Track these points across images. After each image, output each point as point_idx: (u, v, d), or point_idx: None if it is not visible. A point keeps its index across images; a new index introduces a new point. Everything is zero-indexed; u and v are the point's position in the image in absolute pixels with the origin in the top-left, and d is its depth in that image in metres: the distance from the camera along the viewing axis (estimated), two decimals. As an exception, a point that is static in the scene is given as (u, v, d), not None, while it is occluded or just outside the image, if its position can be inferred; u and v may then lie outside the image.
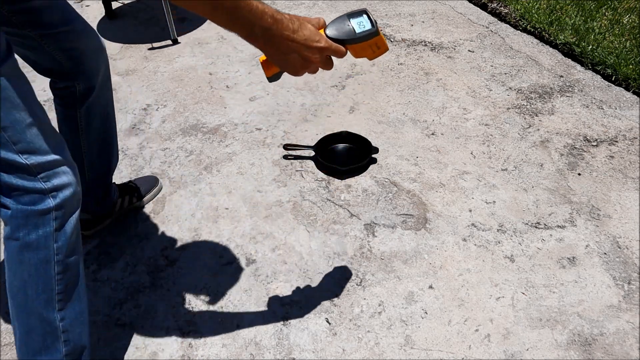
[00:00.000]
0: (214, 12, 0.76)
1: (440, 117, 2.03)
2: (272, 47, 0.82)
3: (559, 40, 2.38)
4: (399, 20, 2.66)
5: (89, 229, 1.57)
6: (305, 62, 0.86)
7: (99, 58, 1.35)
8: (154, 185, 1.72)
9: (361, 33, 0.86)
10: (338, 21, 0.86)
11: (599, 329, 1.32)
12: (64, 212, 1.00)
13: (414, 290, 1.42)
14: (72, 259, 1.05)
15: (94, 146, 1.43)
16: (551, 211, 1.63)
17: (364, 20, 0.86)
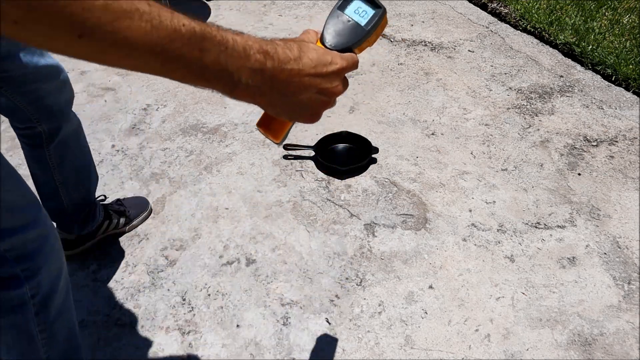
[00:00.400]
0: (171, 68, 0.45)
1: (440, 117, 2.03)
2: (273, 95, 0.53)
3: (559, 40, 2.38)
4: (399, 20, 2.66)
5: (71, 249, 1.50)
6: (325, 98, 0.58)
7: (61, 95, 1.25)
8: (144, 209, 1.63)
9: (370, 23, 0.62)
10: (332, 22, 0.63)
11: (599, 329, 1.31)
12: (41, 286, 0.92)
13: (414, 290, 1.42)
14: (59, 321, 0.98)
15: (70, 177, 1.35)
16: (551, 211, 1.63)
17: (360, 4, 0.65)
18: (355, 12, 0.63)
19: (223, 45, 0.47)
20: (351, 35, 0.62)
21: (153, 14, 0.41)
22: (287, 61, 0.52)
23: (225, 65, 0.47)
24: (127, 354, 1.29)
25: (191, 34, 0.44)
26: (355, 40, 0.62)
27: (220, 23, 2.29)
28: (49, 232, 0.93)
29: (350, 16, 0.62)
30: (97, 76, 2.32)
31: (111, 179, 1.79)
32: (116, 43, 0.40)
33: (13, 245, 0.87)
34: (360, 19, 0.62)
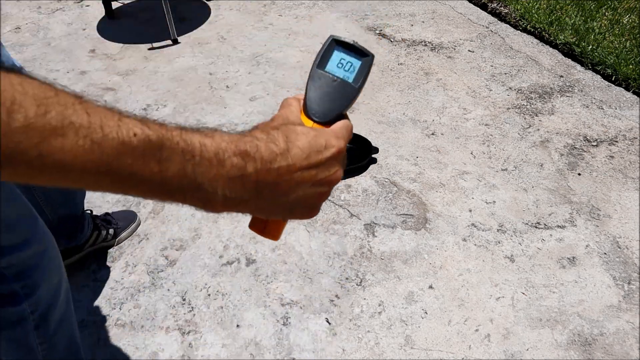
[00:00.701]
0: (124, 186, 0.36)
1: (440, 117, 2.03)
2: (260, 201, 0.43)
3: (559, 40, 2.38)
4: (399, 20, 2.66)
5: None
6: (323, 189, 0.47)
7: None
8: (132, 221, 1.60)
9: (360, 78, 0.51)
10: (315, 86, 0.51)
11: (599, 329, 1.31)
12: (41, 301, 0.91)
13: (414, 290, 1.42)
14: (60, 332, 0.97)
15: (53, 193, 1.32)
16: (551, 211, 1.63)
17: (342, 55, 0.52)
18: (340, 67, 0.51)
19: (188, 153, 0.37)
20: (341, 98, 0.50)
21: (93, 126, 0.33)
22: (273, 159, 0.42)
23: (194, 177, 0.37)
24: (127, 354, 1.29)
25: (145, 144, 0.35)
26: (347, 103, 0.50)
27: (220, 23, 2.28)
28: (47, 247, 0.91)
29: (334, 73, 0.51)
30: (97, 76, 2.32)
31: (111, 179, 1.79)
32: (46, 167, 0.32)
33: (11, 263, 0.85)
34: (347, 75, 0.51)
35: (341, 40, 0.51)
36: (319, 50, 0.52)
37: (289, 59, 2.39)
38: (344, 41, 0.51)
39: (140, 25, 2.74)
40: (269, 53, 2.43)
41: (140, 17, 2.81)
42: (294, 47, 2.47)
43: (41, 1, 2.94)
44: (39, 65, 2.40)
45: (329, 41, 0.52)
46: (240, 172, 0.40)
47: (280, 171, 0.42)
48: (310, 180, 0.45)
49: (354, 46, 0.51)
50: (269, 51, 2.45)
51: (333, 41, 0.52)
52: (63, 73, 2.34)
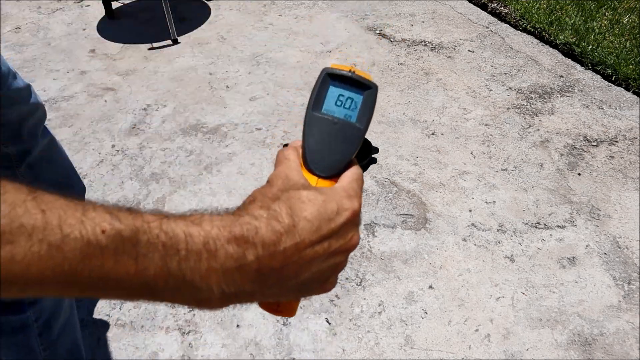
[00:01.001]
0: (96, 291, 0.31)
1: (440, 117, 2.03)
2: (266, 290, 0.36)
3: (559, 40, 2.38)
4: (399, 20, 2.66)
5: None
6: (339, 259, 0.42)
7: (31, 118, 1.17)
8: None
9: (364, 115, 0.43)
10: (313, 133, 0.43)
11: (599, 329, 1.32)
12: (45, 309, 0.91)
13: (414, 290, 1.42)
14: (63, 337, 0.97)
15: None
16: (551, 211, 1.63)
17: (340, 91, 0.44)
18: (339, 105, 0.43)
19: (171, 247, 0.31)
20: (345, 143, 0.43)
21: (50, 226, 0.27)
22: (278, 240, 0.34)
23: (181, 275, 0.31)
24: (126, 354, 1.29)
25: (117, 241, 0.29)
26: (354, 149, 0.43)
27: (220, 23, 2.28)
28: None
29: (334, 114, 0.43)
30: (97, 76, 2.32)
31: (111, 179, 1.79)
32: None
33: None
34: (349, 113, 0.43)
35: (336, 74, 0.43)
36: (312, 89, 0.43)
37: (289, 59, 2.39)
38: (340, 74, 0.43)
39: (140, 25, 2.74)
40: (269, 53, 2.44)
41: (140, 17, 2.81)
42: (294, 47, 2.47)
43: (41, 1, 2.94)
44: (39, 66, 2.40)
45: (323, 76, 0.44)
46: (238, 263, 0.33)
47: (287, 253, 0.34)
48: (323, 254, 0.38)
49: (352, 78, 0.43)
50: (269, 51, 2.45)
51: (327, 76, 0.44)
52: (63, 73, 2.34)
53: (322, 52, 2.42)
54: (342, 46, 2.46)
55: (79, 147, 1.93)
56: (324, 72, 0.44)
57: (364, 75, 0.44)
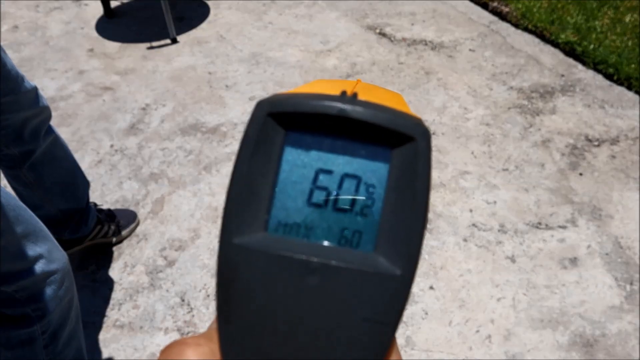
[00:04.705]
0: None
1: (440, 116, 2.02)
2: None
3: (561, 39, 2.37)
4: (400, 19, 2.65)
5: None
6: None
7: (35, 119, 1.17)
8: (132, 221, 1.58)
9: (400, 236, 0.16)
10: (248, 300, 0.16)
11: (600, 330, 1.31)
12: (52, 322, 0.90)
13: (414, 291, 1.41)
14: (68, 348, 0.97)
15: (54, 190, 1.29)
16: (552, 211, 1.62)
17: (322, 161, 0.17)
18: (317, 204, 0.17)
19: None
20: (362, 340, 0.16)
21: None
22: None
23: None
24: (125, 355, 1.28)
25: None
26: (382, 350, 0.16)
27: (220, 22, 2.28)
28: (60, 268, 0.90)
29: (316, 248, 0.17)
30: (95, 75, 2.31)
31: (110, 178, 1.78)
32: None
33: (22, 287, 0.84)
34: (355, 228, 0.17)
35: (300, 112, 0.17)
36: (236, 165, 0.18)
37: (289, 58, 2.38)
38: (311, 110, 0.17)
39: (139, 24, 2.72)
40: (269, 52, 2.42)
41: (139, 16, 2.80)
42: (294, 47, 2.46)
43: (39, 0, 2.93)
44: (37, 65, 2.39)
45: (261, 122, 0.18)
46: None
47: None
48: None
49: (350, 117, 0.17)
50: (269, 50, 2.44)
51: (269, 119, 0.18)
52: (61, 72, 2.33)
53: (322, 51, 2.41)
54: (342, 45, 2.45)
55: (77, 146, 1.92)
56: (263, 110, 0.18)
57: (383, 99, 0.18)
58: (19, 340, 0.88)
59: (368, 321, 0.15)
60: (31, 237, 0.86)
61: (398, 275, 0.15)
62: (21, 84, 1.09)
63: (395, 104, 0.17)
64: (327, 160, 0.17)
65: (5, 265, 0.81)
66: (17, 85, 1.08)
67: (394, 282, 0.15)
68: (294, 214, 0.17)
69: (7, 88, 1.05)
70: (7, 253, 0.81)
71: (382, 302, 0.15)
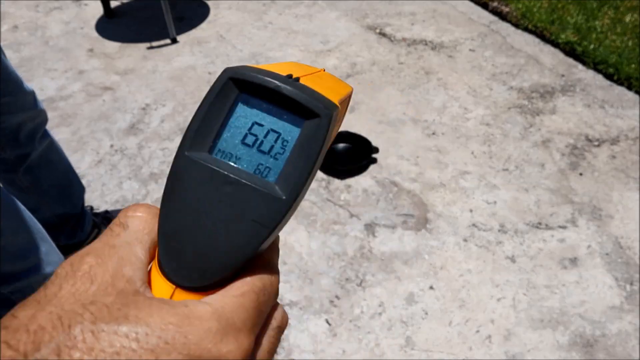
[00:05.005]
0: None
1: (440, 116, 2.02)
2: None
3: (561, 39, 2.37)
4: (400, 19, 2.65)
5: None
6: None
7: (31, 123, 1.17)
8: None
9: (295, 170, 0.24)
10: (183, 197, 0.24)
11: (601, 330, 1.31)
12: None
13: (414, 291, 1.41)
14: None
15: (50, 194, 1.29)
16: (552, 211, 1.62)
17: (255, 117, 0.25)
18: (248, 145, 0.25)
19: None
20: (242, 226, 0.24)
21: None
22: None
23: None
24: (125, 356, 1.28)
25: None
26: (259, 240, 0.24)
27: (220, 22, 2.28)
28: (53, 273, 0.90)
29: (234, 162, 0.25)
30: (95, 75, 2.31)
31: (110, 179, 1.78)
32: None
33: (17, 288, 0.85)
34: (267, 164, 0.25)
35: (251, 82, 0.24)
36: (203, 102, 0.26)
37: (289, 58, 2.37)
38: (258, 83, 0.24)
39: (139, 24, 2.72)
40: (269, 52, 2.42)
41: (139, 16, 2.79)
42: (294, 47, 2.46)
43: (39, 0, 2.93)
44: (36, 65, 2.38)
45: (223, 82, 0.25)
46: None
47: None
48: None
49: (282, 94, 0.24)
50: (269, 50, 2.44)
51: (229, 81, 0.25)
52: (61, 72, 2.33)
53: (322, 51, 2.41)
54: (342, 45, 2.45)
55: (77, 146, 1.92)
56: (227, 74, 0.25)
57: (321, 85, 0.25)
58: None
59: (255, 222, 0.23)
60: (30, 238, 0.86)
61: (283, 199, 0.23)
62: (19, 86, 1.09)
63: (330, 91, 0.25)
64: (262, 118, 0.25)
65: (4, 266, 0.81)
66: (15, 87, 1.08)
67: (279, 202, 0.23)
68: (230, 147, 0.25)
69: (5, 89, 1.06)
70: (7, 253, 0.81)
71: (268, 212, 0.23)
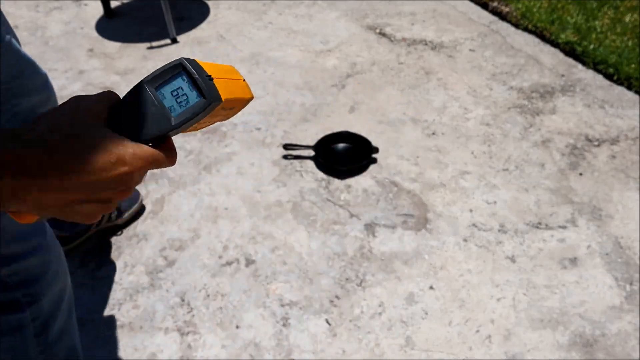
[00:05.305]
0: None
1: (440, 116, 2.02)
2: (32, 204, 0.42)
3: (561, 39, 2.37)
4: (400, 19, 2.65)
5: (67, 245, 1.51)
6: (105, 205, 0.46)
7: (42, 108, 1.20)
8: (135, 200, 1.63)
9: (182, 117, 0.45)
10: (135, 98, 0.46)
11: (600, 330, 1.31)
12: (43, 310, 0.90)
13: (414, 291, 1.41)
14: (60, 342, 0.96)
15: None
16: (552, 211, 1.62)
17: (182, 84, 0.46)
18: (173, 95, 0.45)
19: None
20: (153, 125, 0.45)
21: None
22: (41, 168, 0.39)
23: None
24: (125, 355, 1.28)
25: None
26: (155, 134, 0.45)
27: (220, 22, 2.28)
28: (50, 259, 0.91)
29: (163, 99, 0.45)
30: (95, 75, 2.31)
31: (110, 178, 1.78)
32: None
33: (15, 271, 0.84)
34: (175, 107, 0.45)
35: (189, 69, 0.44)
36: (160, 67, 0.45)
37: (289, 58, 2.38)
38: (191, 72, 0.44)
39: (139, 24, 2.72)
40: (269, 52, 2.42)
41: (139, 16, 2.79)
42: (294, 47, 2.46)
43: (39, 0, 2.93)
44: (37, 64, 2.38)
45: (176, 64, 0.45)
46: None
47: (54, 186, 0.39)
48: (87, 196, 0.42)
49: (198, 82, 0.44)
50: (269, 50, 2.44)
51: (180, 65, 0.45)
52: (61, 72, 2.33)
53: (322, 51, 2.41)
54: (342, 45, 2.45)
55: (78, 146, 1.92)
56: (180, 60, 0.45)
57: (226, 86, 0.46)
58: (8, 328, 0.87)
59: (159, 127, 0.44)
60: (35, 224, 0.87)
61: (173, 125, 0.44)
62: (32, 69, 1.11)
63: (227, 91, 0.46)
64: (184, 86, 0.45)
65: (3, 247, 0.81)
66: (28, 68, 1.10)
67: (169, 123, 0.44)
68: (165, 92, 0.45)
69: (17, 71, 1.07)
70: (6, 233, 0.81)
71: (165, 125, 0.44)
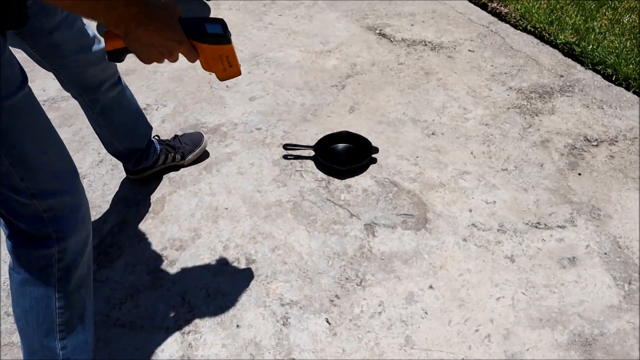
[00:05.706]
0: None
1: (440, 116, 2.03)
2: (131, 37, 0.80)
3: (559, 40, 2.38)
4: (399, 19, 2.66)
5: (133, 175, 1.73)
6: (161, 54, 0.85)
7: (97, 68, 1.39)
8: (199, 144, 1.82)
9: (211, 34, 0.86)
10: (192, 19, 0.86)
11: (599, 329, 1.31)
12: (68, 251, 0.99)
13: (414, 291, 1.41)
14: (77, 294, 1.04)
15: (119, 131, 1.57)
16: (551, 211, 1.63)
17: (217, 27, 0.87)
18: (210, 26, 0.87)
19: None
20: (195, 29, 0.86)
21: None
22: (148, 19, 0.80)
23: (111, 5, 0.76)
24: (126, 354, 1.29)
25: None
26: (195, 33, 0.85)
27: (220, 22, 2.19)
28: (82, 203, 1.02)
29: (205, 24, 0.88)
30: (96, 76, 2.31)
31: (111, 178, 1.79)
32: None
33: (51, 206, 0.94)
34: (208, 28, 0.87)
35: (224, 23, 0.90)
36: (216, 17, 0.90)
37: (289, 59, 2.38)
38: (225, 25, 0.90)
39: (139, 24, 2.73)
40: (269, 52, 2.43)
41: (140, 17, 2.80)
42: (294, 47, 2.46)
43: (40, 0, 2.93)
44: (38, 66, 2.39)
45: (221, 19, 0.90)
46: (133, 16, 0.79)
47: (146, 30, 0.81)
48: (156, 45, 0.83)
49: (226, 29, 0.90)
50: (269, 51, 2.45)
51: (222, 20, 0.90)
52: (62, 72, 2.33)
53: (322, 52, 2.42)
54: (342, 46, 2.46)
55: (79, 146, 1.93)
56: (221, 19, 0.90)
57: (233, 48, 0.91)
58: (36, 265, 0.97)
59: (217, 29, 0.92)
60: (66, 164, 0.99)
61: (225, 36, 0.91)
62: (92, 43, 1.31)
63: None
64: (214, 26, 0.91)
65: (41, 182, 0.92)
66: (89, 43, 1.31)
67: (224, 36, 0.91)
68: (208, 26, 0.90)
69: (79, 45, 1.28)
70: (46, 171, 0.93)
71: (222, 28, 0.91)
